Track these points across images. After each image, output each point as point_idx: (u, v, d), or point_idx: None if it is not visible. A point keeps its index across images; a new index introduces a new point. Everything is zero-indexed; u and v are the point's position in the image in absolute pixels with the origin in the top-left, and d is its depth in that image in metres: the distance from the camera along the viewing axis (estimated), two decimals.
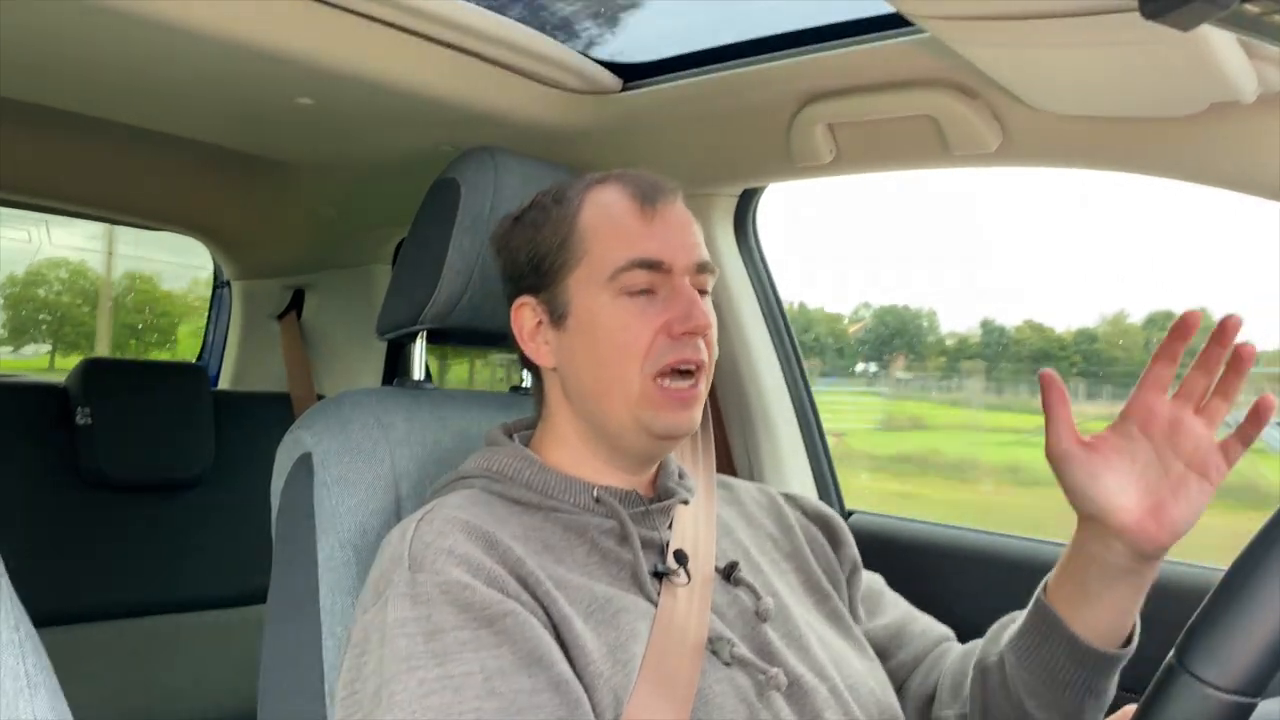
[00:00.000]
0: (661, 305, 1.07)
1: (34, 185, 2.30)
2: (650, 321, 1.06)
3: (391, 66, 1.40)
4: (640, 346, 1.06)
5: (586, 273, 1.09)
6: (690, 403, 1.08)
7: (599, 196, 1.12)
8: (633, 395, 1.06)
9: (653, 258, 1.07)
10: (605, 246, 1.08)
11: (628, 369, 1.06)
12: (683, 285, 1.08)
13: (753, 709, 1.00)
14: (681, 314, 1.06)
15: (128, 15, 1.18)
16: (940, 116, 1.37)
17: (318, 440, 1.20)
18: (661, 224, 1.09)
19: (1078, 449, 0.99)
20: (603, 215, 1.10)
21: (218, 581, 2.22)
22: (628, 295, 1.07)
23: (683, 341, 1.06)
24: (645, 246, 1.07)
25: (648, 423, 1.07)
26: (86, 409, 2.08)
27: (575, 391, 1.12)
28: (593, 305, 1.08)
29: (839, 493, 1.92)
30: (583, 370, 1.10)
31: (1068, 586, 1.05)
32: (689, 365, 1.07)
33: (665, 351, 1.06)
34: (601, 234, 1.09)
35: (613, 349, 1.07)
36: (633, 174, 1.14)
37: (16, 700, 0.73)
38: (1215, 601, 0.62)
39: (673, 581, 1.06)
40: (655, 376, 1.06)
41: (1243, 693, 0.60)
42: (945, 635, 1.30)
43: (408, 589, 0.94)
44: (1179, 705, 0.61)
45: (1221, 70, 1.06)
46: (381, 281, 2.49)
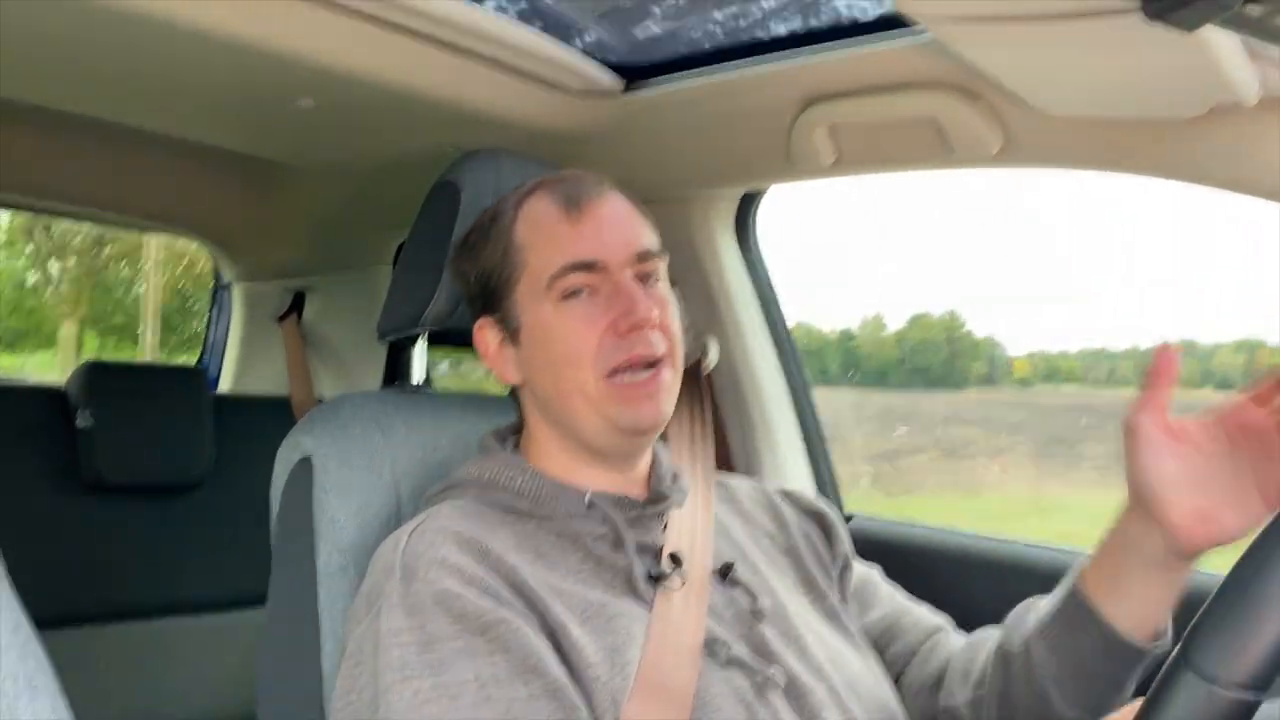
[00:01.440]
0: (604, 304, 1.07)
1: (34, 187, 2.30)
2: (594, 324, 1.06)
3: (393, 68, 1.39)
4: (588, 351, 1.06)
5: (528, 285, 1.10)
6: (653, 393, 1.07)
7: (529, 208, 1.12)
8: (592, 396, 1.06)
9: (585, 258, 1.07)
10: (539, 256, 1.09)
11: (582, 374, 1.06)
12: (623, 280, 1.07)
13: (751, 709, 1.00)
14: (623, 310, 1.06)
15: (128, 16, 1.18)
16: (942, 118, 1.36)
17: (317, 444, 1.20)
18: (591, 223, 1.09)
19: (1158, 428, 0.96)
20: (533, 225, 1.11)
21: (217, 585, 2.22)
22: (568, 300, 1.07)
23: (631, 339, 1.06)
24: (576, 249, 1.07)
25: (614, 418, 1.07)
26: (87, 412, 2.08)
27: (543, 402, 1.13)
28: (539, 316, 1.09)
29: (838, 495, 1.91)
30: (543, 381, 1.11)
31: (1102, 576, 1.04)
32: (640, 360, 1.06)
33: (614, 351, 1.06)
34: (534, 244, 1.10)
35: (563, 357, 1.07)
36: (559, 178, 1.14)
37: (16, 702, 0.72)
38: (1220, 598, 0.62)
39: (668, 585, 1.06)
40: (609, 375, 1.06)
41: (1248, 689, 0.60)
42: (938, 625, 1.28)
43: (401, 599, 0.94)
44: (1183, 702, 0.61)
45: (1224, 72, 1.06)
46: (383, 284, 2.48)
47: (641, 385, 1.07)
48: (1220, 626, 0.61)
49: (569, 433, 1.11)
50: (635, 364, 1.06)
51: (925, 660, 1.24)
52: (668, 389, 1.09)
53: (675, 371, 1.10)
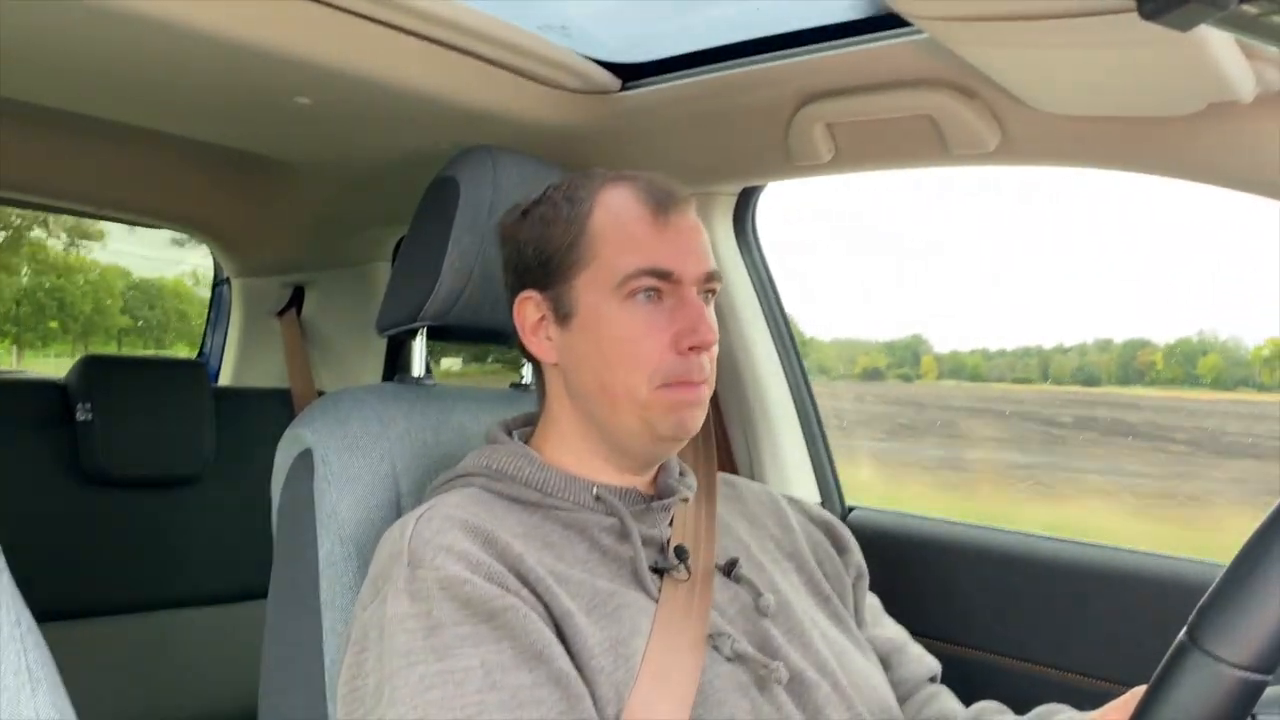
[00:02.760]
0: (668, 315, 1.07)
1: (34, 184, 2.30)
2: (658, 333, 1.06)
3: (389, 66, 1.40)
4: (649, 359, 1.06)
5: (595, 276, 1.08)
6: (697, 404, 1.08)
7: (611, 199, 1.10)
8: (640, 401, 1.07)
9: (663, 267, 1.07)
10: (616, 252, 1.07)
11: (634, 378, 1.06)
12: (690, 296, 1.08)
13: (755, 703, 1.01)
14: (688, 328, 1.06)
15: (127, 15, 1.18)
16: (939, 116, 1.37)
17: (318, 437, 1.21)
18: (674, 232, 1.09)
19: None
20: (614, 219, 1.09)
21: (218, 577, 2.22)
22: (634, 300, 1.07)
23: (689, 359, 1.06)
24: (656, 255, 1.07)
25: (654, 424, 1.07)
26: (87, 405, 2.08)
27: (578, 390, 1.12)
28: (600, 309, 1.08)
29: (839, 489, 1.92)
30: (586, 372, 1.10)
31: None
32: (693, 382, 1.07)
33: (671, 368, 1.06)
34: (612, 238, 1.08)
35: (619, 356, 1.07)
36: (646, 177, 1.13)
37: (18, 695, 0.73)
38: (1227, 580, 0.63)
39: (673, 577, 1.06)
40: (662, 386, 1.06)
41: (1255, 669, 0.60)
42: (934, 671, 1.30)
43: (407, 585, 0.94)
44: (1191, 682, 0.61)
45: (1219, 70, 1.07)
46: (381, 279, 2.49)
47: (689, 397, 1.07)
48: (1227, 608, 0.62)
49: (597, 425, 1.11)
50: (688, 381, 1.07)
51: (920, 707, 1.25)
52: (705, 402, 1.10)
53: (710, 389, 1.11)
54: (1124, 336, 2.64)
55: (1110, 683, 1.44)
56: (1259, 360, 2.40)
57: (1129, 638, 1.38)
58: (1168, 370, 2.52)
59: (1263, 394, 2.34)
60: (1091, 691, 1.45)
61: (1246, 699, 0.61)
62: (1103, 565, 1.50)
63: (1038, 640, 1.54)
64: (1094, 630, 1.48)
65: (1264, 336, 2.38)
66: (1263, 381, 2.35)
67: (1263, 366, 2.39)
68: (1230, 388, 2.41)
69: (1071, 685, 1.49)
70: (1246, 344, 2.45)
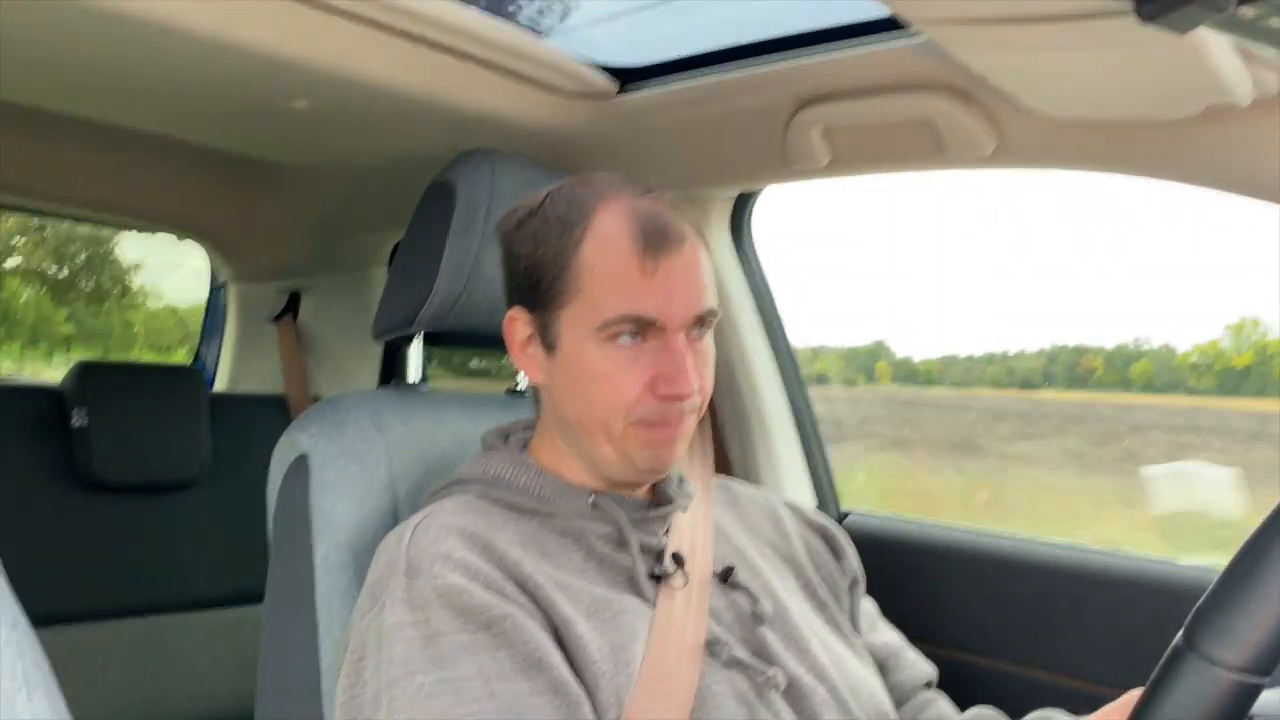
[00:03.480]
0: (650, 358, 1.03)
1: (32, 187, 2.30)
2: (637, 376, 1.03)
3: (387, 70, 1.40)
4: (624, 401, 1.03)
5: (578, 313, 1.04)
6: (676, 440, 1.06)
7: (604, 226, 1.04)
8: (615, 436, 1.05)
9: (646, 315, 1.02)
10: (600, 292, 1.03)
11: (610, 417, 1.04)
12: (675, 343, 1.03)
13: (752, 710, 1.00)
14: (668, 375, 1.02)
15: (125, 19, 1.18)
16: (936, 120, 1.37)
17: (314, 442, 1.20)
18: (662, 277, 1.02)
19: None
20: (603, 253, 1.04)
21: (214, 582, 2.22)
22: (615, 342, 1.03)
23: (666, 405, 1.03)
24: (640, 303, 1.02)
25: (632, 458, 1.06)
26: (83, 411, 2.08)
27: (561, 418, 1.11)
28: (580, 347, 1.05)
29: (835, 494, 1.92)
30: (566, 403, 1.08)
31: None
32: (669, 423, 1.05)
33: (650, 411, 1.04)
34: (599, 276, 1.03)
35: (596, 395, 1.05)
36: (644, 207, 1.06)
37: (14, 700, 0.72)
38: (1224, 583, 0.63)
39: (670, 584, 1.06)
40: (634, 423, 1.05)
41: (1251, 672, 0.60)
42: (930, 677, 1.30)
43: (405, 594, 0.94)
44: (1187, 685, 0.61)
45: (1217, 73, 1.07)
46: (378, 284, 2.49)
47: (666, 434, 1.05)
48: (1223, 610, 0.62)
49: (579, 450, 1.10)
50: (663, 424, 1.05)
51: (916, 713, 1.25)
52: (687, 436, 1.08)
53: (696, 419, 1.09)
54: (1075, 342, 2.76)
55: (1106, 686, 1.42)
56: (1187, 365, 2.51)
57: (1125, 641, 1.38)
58: (1108, 375, 2.63)
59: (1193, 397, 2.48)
60: (1087, 695, 1.45)
61: (1243, 702, 0.61)
62: (1098, 569, 1.49)
63: (1033, 644, 1.54)
64: (1090, 634, 1.48)
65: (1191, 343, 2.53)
66: (1192, 385, 2.48)
67: (1190, 371, 2.50)
68: (1162, 391, 2.52)
69: (1067, 689, 1.48)
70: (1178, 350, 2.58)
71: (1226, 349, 2.42)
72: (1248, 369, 2.38)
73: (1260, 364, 2.37)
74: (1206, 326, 2.45)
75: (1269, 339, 2.36)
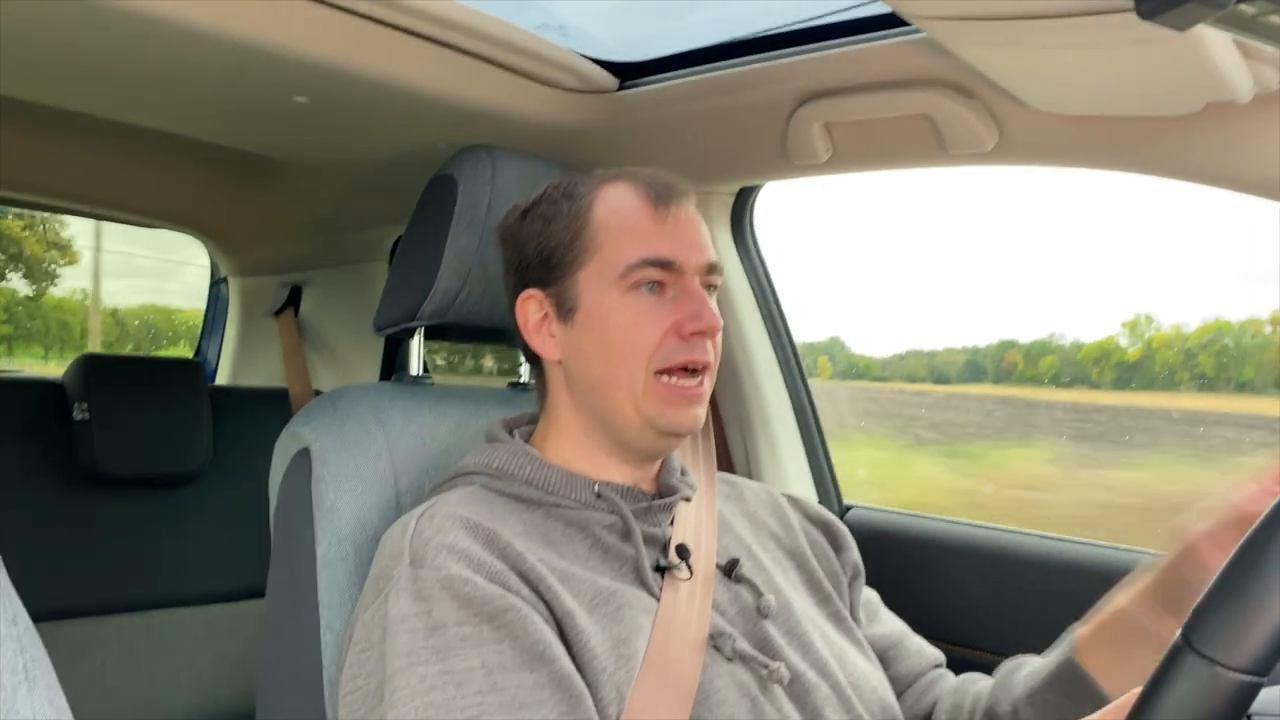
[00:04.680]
0: (671, 304, 1.08)
1: (32, 183, 2.30)
2: (660, 320, 1.07)
3: (387, 65, 1.39)
4: (649, 344, 1.07)
5: (597, 269, 1.09)
6: (695, 400, 1.09)
7: (611, 194, 1.12)
8: (638, 391, 1.07)
9: (665, 257, 1.08)
10: (617, 244, 1.09)
11: (634, 365, 1.07)
12: (693, 285, 1.08)
13: (755, 703, 1.01)
14: (692, 314, 1.07)
15: (125, 14, 1.18)
16: (937, 116, 1.37)
17: (316, 435, 1.21)
18: (674, 224, 1.10)
19: (1213, 547, 0.98)
20: (615, 212, 1.10)
21: (216, 576, 2.22)
22: (638, 292, 1.08)
23: (691, 343, 1.07)
24: (658, 246, 1.08)
25: (653, 419, 1.08)
26: (84, 404, 2.08)
27: (580, 385, 1.12)
28: (603, 301, 1.09)
29: (837, 489, 1.92)
30: (589, 365, 1.10)
31: (1101, 650, 1.06)
32: (695, 365, 1.08)
33: (673, 351, 1.07)
34: (614, 231, 1.09)
35: (622, 345, 1.07)
36: (645, 172, 1.14)
37: (15, 694, 0.73)
38: (1223, 581, 0.62)
39: (675, 576, 1.06)
40: (660, 373, 1.07)
41: (1250, 672, 0.60)
42: (938, 659, 1.30)
43: (409, 585, 0.94)
44: (1186, 684, 0.61)
45: (1217, 70, 1.07)
46: (379, 278, 2.49)
47: (687, 391, 1.08)
48: (1222, 609, 0.61)
49: (598, 420, 1.12)
50: (687, 368, 1.08)
51: (921, 694, 1.26)
52: (706, 398, 1.11)
53: (712, 383, 1.12)
54: (997, 338, 2.91)
55: None
56: (1088, 360, 2.66)
57: None
58: (1027, 369, 2.76)
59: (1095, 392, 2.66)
60: None
61: (1242, 701, 0.61)
62: (1100, 563, 1.50)
63: (1035, 638, 1.53)
64: None
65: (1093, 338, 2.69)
66: (1093, 379, 2.63)
67: (1092, 366, 2.64)
68: (1067, 385, 2.68)
69: None
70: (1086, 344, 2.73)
71: (1123, 344, 2.58)
72: (1138, 363, 2.53)
73: (1146, 358, 2.53)
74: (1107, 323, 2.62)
75: (1161, 334, 2.51)
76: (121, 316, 3.77)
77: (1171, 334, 2.48)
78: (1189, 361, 2.44)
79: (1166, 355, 2.49)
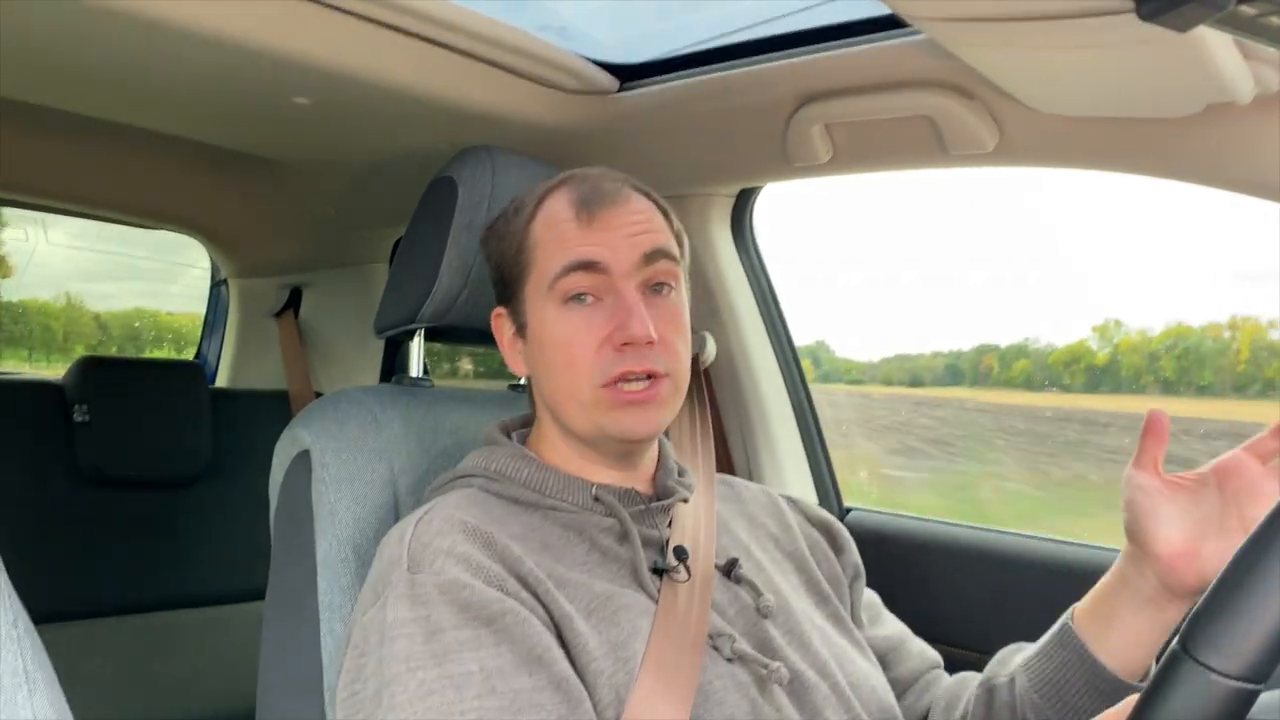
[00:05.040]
0: (606, 314, 1.06)
1: (32, 185, 2.30)
2: (593, 333, 1.05)
3: (388, 67, 1.39)
4: (584, 360, 1.05)
5: (534, 283, 1.09)
6: (646, 404, 1.06)
7: (548, 204, 1.11)
8: (587, 403, 1.06)
9: (586, 259, 1.06)
10: (547, 254, 1.08)
11: (577, 381, 1.06)
12: (625, 291, 1.06)
13: (755, 704, 1.01)
14: (620, 324, 1.04)
15: (125, 15, 1.18)
16: (937, 117, 1.37)
17: (316, 438, 1.20)
18: (600, 225, 1.07)
19: (1154, 479, 1.02)
20: (547, 223, 1.10)
21: (216, 578, 2.22)
22: (569, 303, 1.07)
23: (625, 353, 1.04)
24: (580, 250, 1.06)
25: (605, 426, 1.07)
26: (84, 406, 2.08)
27: (544, 398, 1.13)
28: (542, 317, 1.09)
29: (837, 491, 1.92)
30: (543, 380, 1.11)
31: (1094, 615, 1.08)
32: (634, 375, 1.05)
33: (610, 363, 1.05)
34: (545, 243, 1.09)
35: (561, 361, 1.07)
36: (582, 177, 1.13)
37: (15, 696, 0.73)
38: (1220, 587, 0.62)
39: (673, 578, 1.06)
40: (605, 385, 1.05)
41: (1248, 679, 0.60)
42: (937, 661, 1.30)
43: (407, 589, 0.94)
44: (1183, 692, 0.61)
45: (1218, 71, 1.07)
46: (379, 280, 2.49)
47: (636, 395, 1.05)
48: (1220, 615, 0.61)
49: (568, 431, 1.12)
50: (630, 378, 1.05)
51: (922, 693, 1.26)
52: (664, 403, 1.08)
53: (676, 387, 1.09)
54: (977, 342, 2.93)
55: None
56: (1059, 364, 2.69)
57: None
58: (1002, 373, 2.78)
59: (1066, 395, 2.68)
60: None
61: (1239, 709, 0.61)
62: (1101, 566, 1.49)
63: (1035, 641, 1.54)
64: None
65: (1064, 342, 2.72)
66: (1065, 383, 2.65)
67: (1063, 370, 2.67)
68: (1039, 388, 2.70)
69: None
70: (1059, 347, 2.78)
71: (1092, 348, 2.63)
72: (1106, 368, 2.58)
73: (1113, 363, 2.57)
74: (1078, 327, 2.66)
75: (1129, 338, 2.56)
76: (104, 321, 3.80)
77: (1137, 338, 2.53)
78: (1152, 365, 2.49)
79: (1133, 359, 2.53)
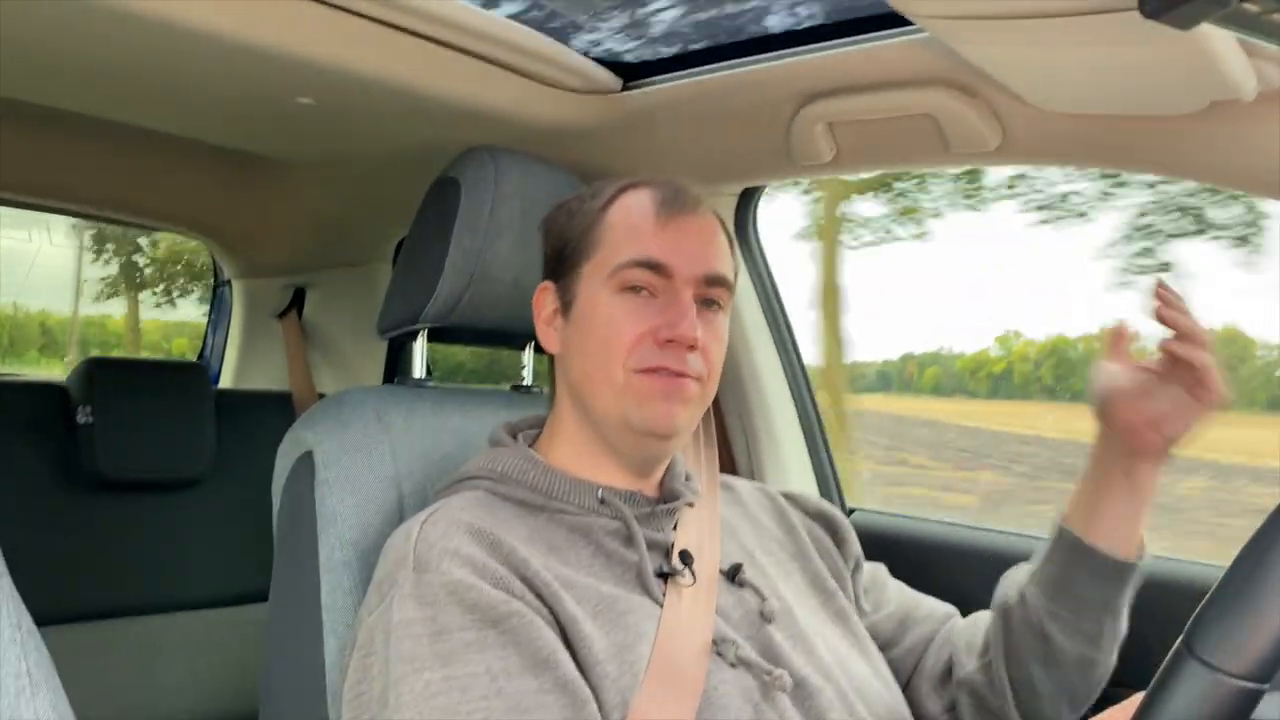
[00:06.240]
0: (657, 309, 1.07)
1: (34, 186, 2.30)
2: (640, 322, 1.06)
3: (391, 67, 1.39)
4: (624, 344, 1.06)
5: (595, 266, 1.10)
6: (673, 395, 1.06)
7: (628, 198, 1.13)
8: (618, 386, 1.07)
9: (655, 259, 1.07)
10: (616, 243, 1.09)
11: (611, 363, 1.06)
12: (682, 295, 1.07)
13: (758, 709, 1.00)
14: (670, 321, 1.05)
15: (128, 15, 1.18)
16: (940, 115, 1.36)
17: (319, 439, 1.20)
18: (675, 229, 1.09)
19: (1118, 364, 1.15)
20: (624, 213, 1.11)
21: (219, 580, 2.22)
22: (625, 292, 1.08)
23: (667, 350, 1.05)
24: (650, 248, 1.08)
25: (628, 414, 1.07)
26: (87, 408, 2.08)
27: (571, 380, 1.13)
28: (594, 298, 1.09)
29: (840, 491, 1.92)
30: (576, 359, 1.11)
31: (1079, 507, 1.16)
32: (670, 372, 1.06)
33: (648, 355, 1.06)
34: (617, 231, 1.10)
35: (600, 343, 1.08)
36: (666, 183, 1.14)
37: (18, 699, 0.73)
38: (1224, 587, 0.62)
39: (678, 582, 1.06)
40: (639, 371, 1.06)
41: (1251, 679, 0.60)
42: (950, 613, 1.32)
43: (413, 590, 0.94)
44: (1187, 691, 0.61)
45: (1221, 68, 1.06)
46: (382, 280, 2.49)
47: (665, 383, 1.06)
48: (1223, 615, 0.61)
49: (591, 421, 1.11)
50: (664, 372, 1.06)
51: (942, 646, 1.27)
52: (691, 401, 1.08)
53: (704, 394, 1.10)
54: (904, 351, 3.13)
55: (1110, 685, 1.43)
56: (966, 371, 2.88)
57: (1130, 640, 1.38)
58: (919, 380, 2.99)
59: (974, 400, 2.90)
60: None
61: (1243, 708, 0.61)
62: None
63: None
64: None
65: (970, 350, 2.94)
66: (971, 389, 2.87)
67: (969, 377, 2.87)
68: (948, 394, 2.94)
69: None
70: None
71: (993, 356, 2.84)
72: (1003, 375, 2.79)
73: (1007, 371, 2.78)
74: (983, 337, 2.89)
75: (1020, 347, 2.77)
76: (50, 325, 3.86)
77: (1024, 346, 2.74)
78: (1035, 373, 2.67)
79: (1023, 368, 2.72)
